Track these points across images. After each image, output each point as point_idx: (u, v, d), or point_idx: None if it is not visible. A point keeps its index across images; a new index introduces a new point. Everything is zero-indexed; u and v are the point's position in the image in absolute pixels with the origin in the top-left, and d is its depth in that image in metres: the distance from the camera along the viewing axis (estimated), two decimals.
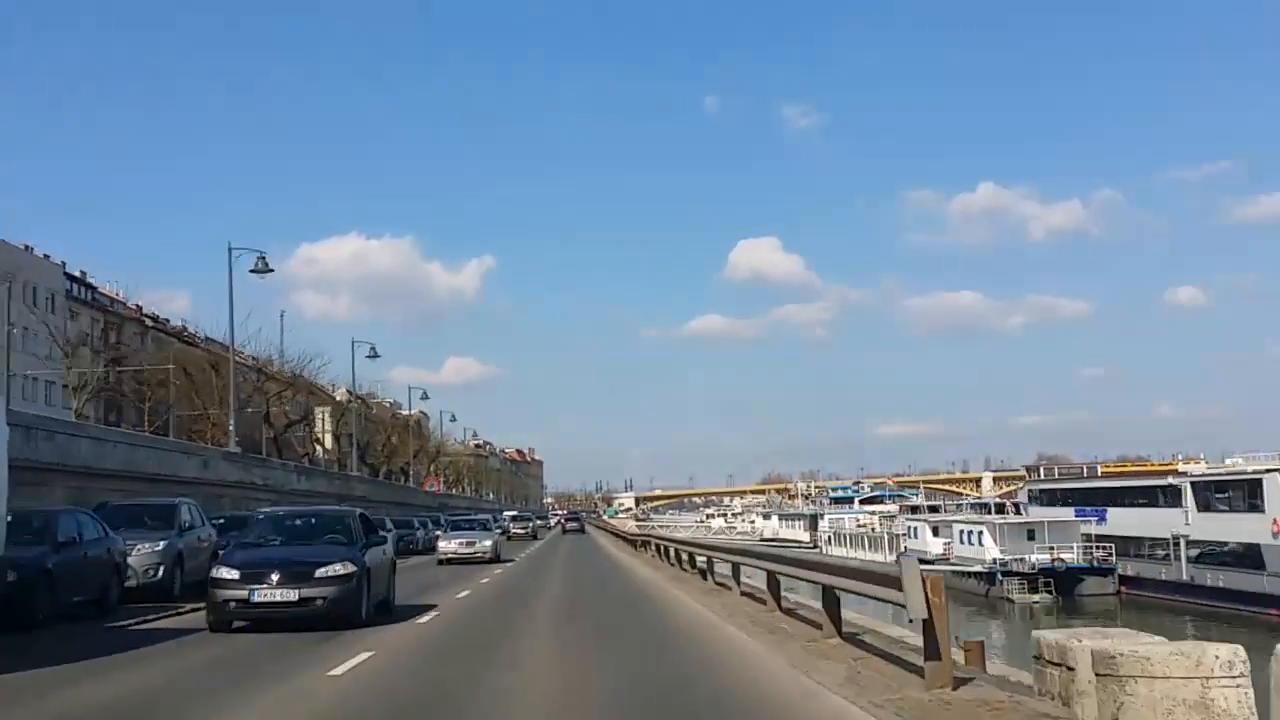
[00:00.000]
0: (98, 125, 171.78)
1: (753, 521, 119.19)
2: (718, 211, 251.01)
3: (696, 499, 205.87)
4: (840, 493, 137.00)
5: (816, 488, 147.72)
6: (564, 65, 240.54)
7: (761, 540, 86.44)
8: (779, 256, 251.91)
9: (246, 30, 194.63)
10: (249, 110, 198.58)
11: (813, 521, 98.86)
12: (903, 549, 60.97)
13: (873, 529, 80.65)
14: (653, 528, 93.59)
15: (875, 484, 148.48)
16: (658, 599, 20.30)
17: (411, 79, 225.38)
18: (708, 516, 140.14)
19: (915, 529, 68.34)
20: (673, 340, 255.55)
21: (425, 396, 79.59)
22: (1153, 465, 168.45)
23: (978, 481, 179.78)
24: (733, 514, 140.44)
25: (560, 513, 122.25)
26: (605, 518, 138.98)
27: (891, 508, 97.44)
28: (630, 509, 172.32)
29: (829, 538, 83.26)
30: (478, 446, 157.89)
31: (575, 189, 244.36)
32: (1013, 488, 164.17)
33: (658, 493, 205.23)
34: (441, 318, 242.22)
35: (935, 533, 64.16)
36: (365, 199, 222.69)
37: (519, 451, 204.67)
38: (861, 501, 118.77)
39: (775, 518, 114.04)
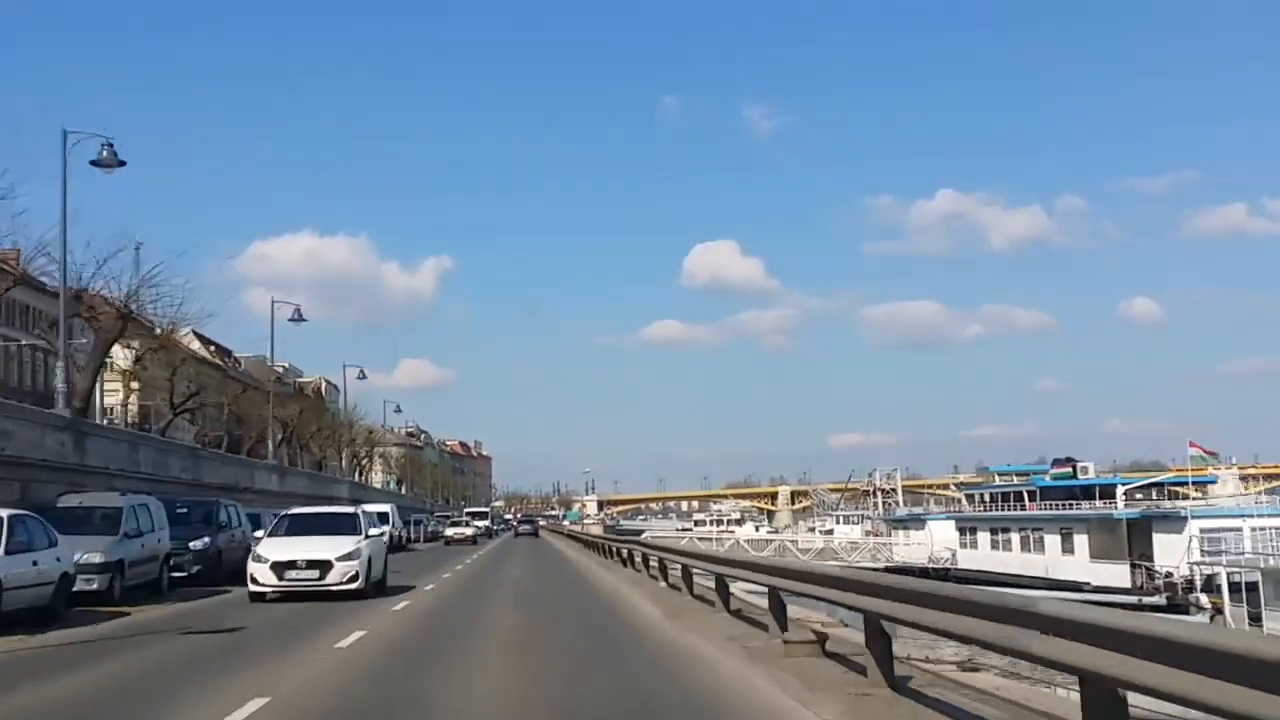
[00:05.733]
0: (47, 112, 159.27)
1: (828, 531, 74.98)
2: (676, 213, 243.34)
3: (654, 505, 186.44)
4: (1003, 480, 68.21)
5: (900, 484, 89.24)
6: (520, 63, 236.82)
7: (887, 569, 44.56)
8: (738, 260, 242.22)
9: (202, 26, 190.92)
10: (204, 105, 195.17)
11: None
12: None
13: None
14: (669, 541, 58.51)
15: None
16: None
17: (368, 78, 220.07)
18: (712, 523, 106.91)
19: None
20: (631, 345, 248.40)
21: (296, 316, 49.66)
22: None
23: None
24: (729, 520, 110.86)
25: (501, 517, 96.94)
26: (566, 522, 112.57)
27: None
28: (594, 514, 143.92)
29: None
30: (410, 435, 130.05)
31: (532, 189, 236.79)
32: None
33: (623, 496, 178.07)
34: (396, 319, 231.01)
35: None
36: (320, 195, 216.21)
37: (463, 444, 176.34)
38: (1129, 492, 54.69)
39: (964, 531, 59.28)
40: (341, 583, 18.82)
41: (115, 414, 46.54)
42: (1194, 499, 49.89)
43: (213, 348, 65.74)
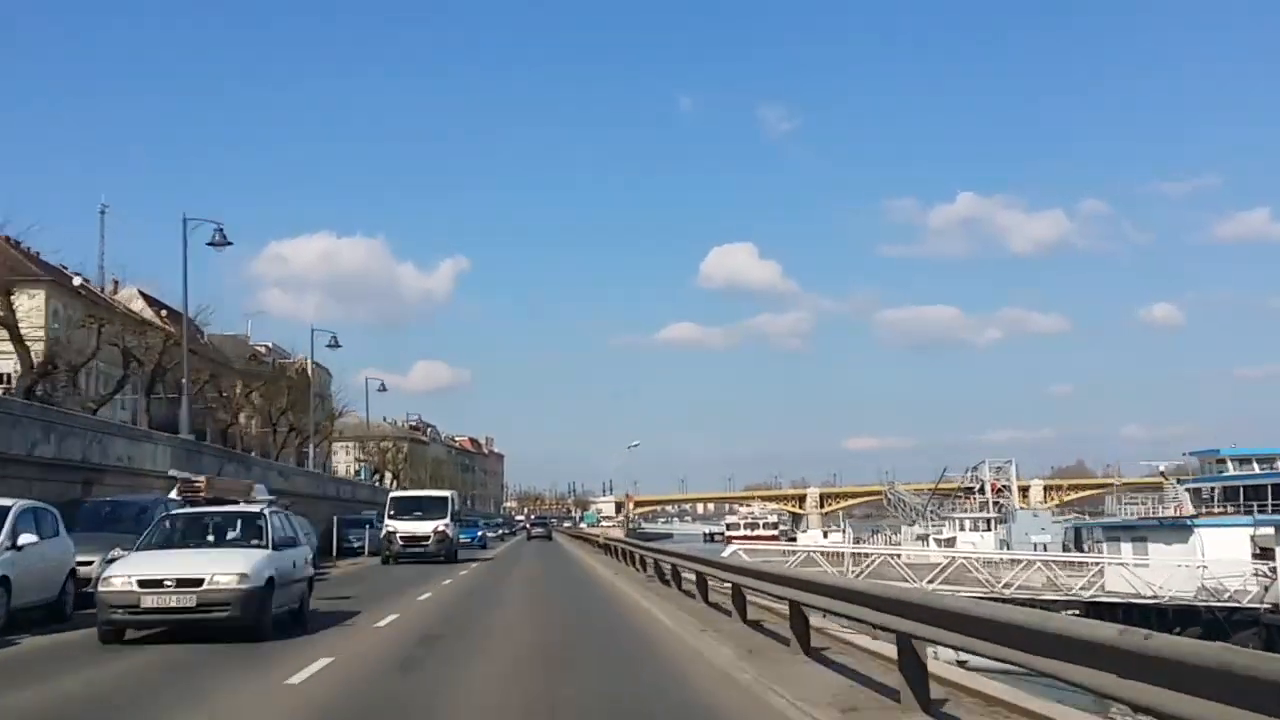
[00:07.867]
0: (63, 119, 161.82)
1: (948, 540, 55.60)
2: (693, 215, 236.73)
3: (670, 507, 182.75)
4: (1237, 467, 49.87)
5: (1015, 481, 68.78)
6: (535, 64, 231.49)
7: (1092, 605, 33.79)
8: (755, 262, 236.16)
9: (216, 28, 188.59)
10: (220, 106, 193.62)
11: None
12: None
13: None
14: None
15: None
16: None
17: (384, 79, 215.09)
18: (746, 527, 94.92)
19: None
20: (647, 347, 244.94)
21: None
22: None
23: (1025, 490, 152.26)
24: (766, 524, 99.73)
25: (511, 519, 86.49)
26: (584, 526, 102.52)
27: None
28: (618, 517, 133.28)
29: None
30: (414, 428, 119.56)
31: (548, 190, 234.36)
32: (1074, 497, 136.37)
33: (646, 497, 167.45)
34: (412, 320, 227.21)
35: None
36: (336, 196, 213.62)
37: (472, 440, 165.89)
38: None
39: None
40: None
41: None
42: None
43: (164, 312, 55.19)
